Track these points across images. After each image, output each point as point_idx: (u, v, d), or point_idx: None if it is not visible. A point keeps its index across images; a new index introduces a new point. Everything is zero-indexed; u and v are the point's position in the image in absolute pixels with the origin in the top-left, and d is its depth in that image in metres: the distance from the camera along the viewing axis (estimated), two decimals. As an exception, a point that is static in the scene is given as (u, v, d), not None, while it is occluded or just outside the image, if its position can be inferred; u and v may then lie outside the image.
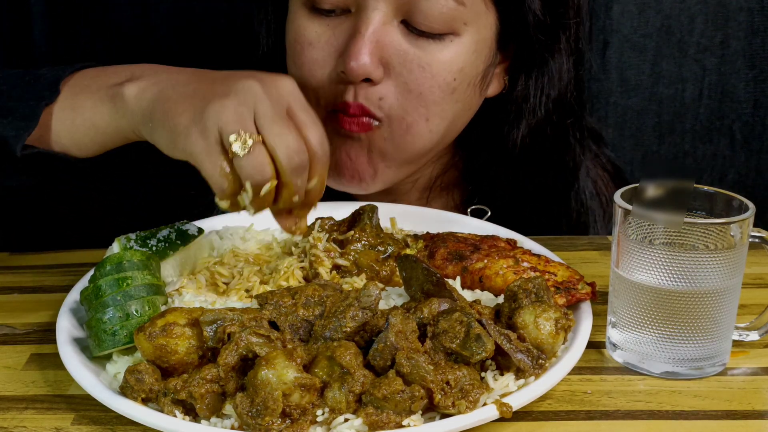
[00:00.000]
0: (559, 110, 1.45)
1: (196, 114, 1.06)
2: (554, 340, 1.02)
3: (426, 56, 1.30)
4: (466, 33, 1.31)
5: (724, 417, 1.00)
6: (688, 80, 2.12)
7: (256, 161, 1.03)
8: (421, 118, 1.33)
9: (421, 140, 1.35)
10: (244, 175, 1.04)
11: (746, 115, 2.14)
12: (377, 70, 1.29)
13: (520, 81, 1.42)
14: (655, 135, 2.17)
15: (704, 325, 1.04)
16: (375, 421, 0.92)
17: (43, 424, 0.99)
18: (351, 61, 1.27)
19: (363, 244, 1.21)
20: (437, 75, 1.31)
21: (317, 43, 1.32)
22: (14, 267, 1.38)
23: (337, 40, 1.31)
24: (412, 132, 1.34)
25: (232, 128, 1.03)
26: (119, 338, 1.05)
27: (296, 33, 1.34)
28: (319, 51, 1.32)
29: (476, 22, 1.32)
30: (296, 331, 1.02)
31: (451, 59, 1.31)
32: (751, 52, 2.09)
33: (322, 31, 1.32)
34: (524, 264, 1.18)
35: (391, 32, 1.29)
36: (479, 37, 1.33)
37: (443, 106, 1.34)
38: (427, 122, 1.34)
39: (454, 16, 1.29)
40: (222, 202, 1.07)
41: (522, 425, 0.98)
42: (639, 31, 2.07)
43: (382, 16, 1.28)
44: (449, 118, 1.36)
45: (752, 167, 2.19)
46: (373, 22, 1.28)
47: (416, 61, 1.30)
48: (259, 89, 1.06)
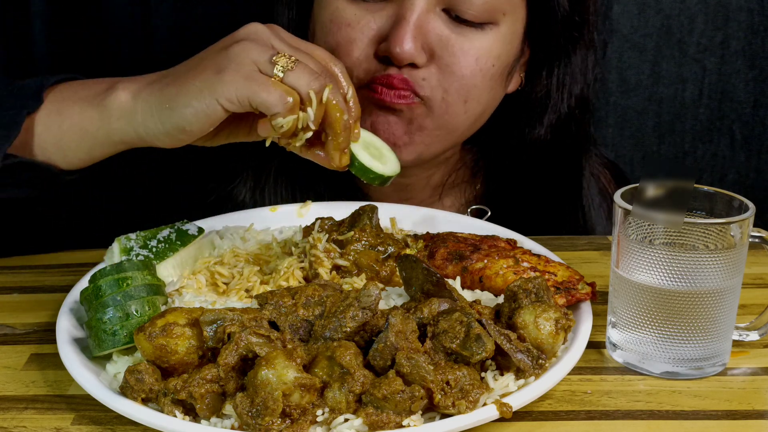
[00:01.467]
0: (581, 106, 1.49)
1: (219, 63, 1.11)
2: (554, 340, 1.02)
3: (467, 42, 1.35)
4: (503, 23, 1.36)
5: (724, 417, 1.00)
6: (688, 80, 2.12)
7: (308, 69, 1.11)
8: (460, 99, 1.37)
9: (457, 119, 1.40)
10: (303, 85, 1.10)
11: (746, 115, 2.14)
12: (421, 55, 1.33)
13: (542, 77, 1.47)
14: (655, 135, 2.17)
15: (704, 325, 1.04)
16: (375, 421, 0.92)
17: (43, 424, 0.99)
18: (396, 47, 1.31)
19: (363, 245, 1.21)
20: (480, 59, 1.36)
21: (356, 24, 1.36)
22: (14, 267, 1.38)
23: (376, 23, 1.35)
24: (450, 111, 1.38)
25: (267, 54, 1.10)
26: (119, 338, 1.04)
27: (333, 14, 1.37)
28: (357, 32, 1.35)
29: (513, 13, 1.37)
30: (296, 331, 1.02)
31: (491, 46, 1.36)
32: (751, 52, 2.09)
33: (361, 14, 1.36)
34: (524, 264, 1.18)
35: (433, 19, 1.33)
36: (513, 28, 1.39)
37: (481, 91, 1.38)
38: (465, 104, 1.38)
39: (495, 6, 1.34)
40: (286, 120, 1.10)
41: (522, 425, 0.98)
42: (639, 31, 2.08)
43: (426, 4, 1.32)
44: (483, 103, 1.41)
45: (752, 167, 2.19)
46: (417, 9, 1.32)
47: (458, 46, 1.34)
48: (261, 28, 1.13)
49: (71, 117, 1.19)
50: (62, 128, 1.20)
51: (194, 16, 1.85)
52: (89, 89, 1.21)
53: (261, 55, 1.10)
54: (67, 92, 1.22)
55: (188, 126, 1.12)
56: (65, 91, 1.23)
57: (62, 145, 1.20)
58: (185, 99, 1.11)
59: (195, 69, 1.13)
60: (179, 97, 1.12)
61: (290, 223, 1.35)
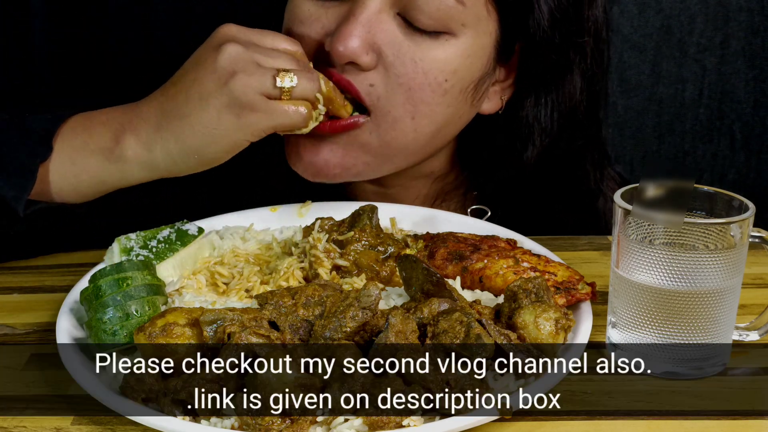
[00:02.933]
0: (570, 129, 1.40)
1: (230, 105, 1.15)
2: (554, 340, 1.02)
3: (419, 51, 1.26)
4: (463, 35, 1.28)
5: (724, 417, 1.00)
6: (688, 80, 2.12)
7: (305, 75, 1.19)
8: (407, 114, 1.28)
9: (404, 138, 1.31)
10: (309, 92, 1.19)
11: (746, 115, 2.14)
12: (366, 56, 1.25)
13: (529, 99, 1.37)
14: (655, 135, 2.17)
15: (704, 325, 1.04)
16: (375, 421, 0.92)
17: (43, 424, 0.99)
18: (338, 43, 1.25)
19: (363, 245, 1.21)
20: (429, 72, 1.27)
21: (307, 20, 1.31)
22: (14, 267, 1.37)
23: (328, 20, 1.29)
24: (397, 128, 1.29)
25: (267, 80, 1.16)
26: (119, 338, 1.05)
27: (290, 9, 1.35)
28: (308, 28, 1.31)
29: (475, 26, 1.28)
30: (296, 331, 1.02)
31: (446, 59, 1.27)
32: (751, 52, 2.09)
33: (314, 10, 1.31)
34: (524, 264, 1.18)
35: (386, 21, 1.26)
36: (477, 42, 1.30)
37: (432, 107, 1.29)
38: (412, 120, 1.29)
39: (452, 16, 1.26)
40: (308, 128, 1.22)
41: (522, 425, 0.98)
42: (639, 31, 2.08)
43: (379, 4, 1.26)
44: (438, 122, 1.31)
45: (752, 167, 2.19)
46: (369, 8, 1.25)
47: (409, 54, 1.26)
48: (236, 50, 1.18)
49: (87, 171, 1.21)
50: (79, 179, 1.21)
51: (194, 16, 1.84)
52: (95, 141, 1.22)
53: (263, 83, 1.16)
54: (74, 140, 1.23)
55: (216, 162, 1.21)
56: (73, 138, 1.23)
57: (79, 191, 1.23)
58: (213, 147, 1.18)
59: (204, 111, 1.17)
60: (205, 148, 1.18)
61: (290, 223, 1.35)
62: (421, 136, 1.31)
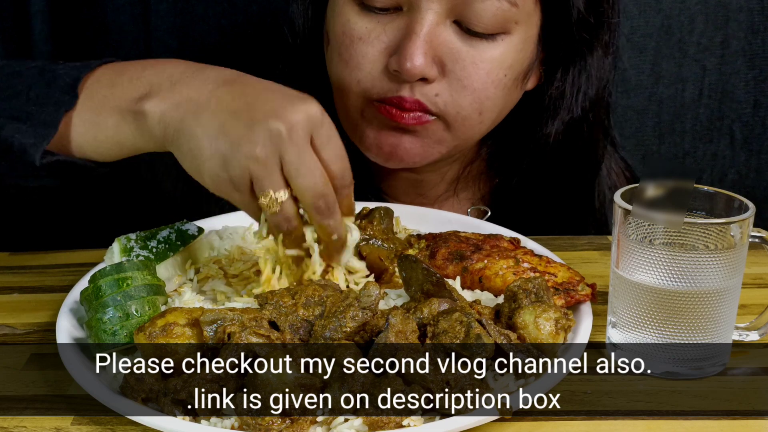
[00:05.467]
0: (595, 109, 1.47)
1: (224, 161, 1.06)
2: (554, 340, 1.02)
3: (479, 54, 1.32)
4: (516, 32, 1.34)
5: (724, 417, 1.00)
6: (688, 80, 2.12)
7: (284, 216, 1.08)
8: (474, 112, 1.36)
9: (472, 131, 1.39)
10: (273, 225, 1.09)
11: (746, 115, 2.14)
12: (432, 70, 1.31)
13: (557, 77, 1.45)
14: (655, 135, 2.17)
15: (704, 325, 1.04)
16: (375, 421, 0.92)
17: (43, 424, 0.99)
18: (407, 62, 1.28)
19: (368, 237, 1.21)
20: (491, 72, 1.33)
21: (367, 38, 1.33)
22: (14, 267, 1.38)
23: (387, 36, 1.32)
24: (467, 125, 1.37)
25: (263, 185, 1.06)
26: (119, 338, 1.05)
27: (344, 26, 1.35)
28: (369, 46, 1.33)
29: (526, 21, 1.35)
30: (296, 331, 1.02)
31: (502, 56, 1.34)
32: (751, 52, 2.09)
33: (372, 26, 1.33)
34: (524, 265, 1.18)
35: (444, 32, 1.31)
36: (527, 34, 1.36)
37: (494, 101, 1.37)
38: (480, 115, 1.37)
39: (507, 17, 1.31)
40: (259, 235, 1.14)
41: (522, 425, 0.98)
42: (639, 31, 2.07)
43: (436, 17, 1.29)
44: (498, 111, 1.39)
45: (752, 167, 2.18)
46: (427, 22, 1.29)
47: (469, 59, 1.32)
48: (283, 132, 1.05)
49: (106, 130, 1.17)
50: (98, 139, 1.18)
51: (194, 16, 1.85)
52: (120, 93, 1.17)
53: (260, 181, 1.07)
54: (99, 95, 1.18)
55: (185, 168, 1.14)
56: (98, 92, 1.18)
57: (99, 151, 1.19)
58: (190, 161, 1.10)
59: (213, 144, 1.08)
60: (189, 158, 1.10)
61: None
62: (486, 126, 1.41)
